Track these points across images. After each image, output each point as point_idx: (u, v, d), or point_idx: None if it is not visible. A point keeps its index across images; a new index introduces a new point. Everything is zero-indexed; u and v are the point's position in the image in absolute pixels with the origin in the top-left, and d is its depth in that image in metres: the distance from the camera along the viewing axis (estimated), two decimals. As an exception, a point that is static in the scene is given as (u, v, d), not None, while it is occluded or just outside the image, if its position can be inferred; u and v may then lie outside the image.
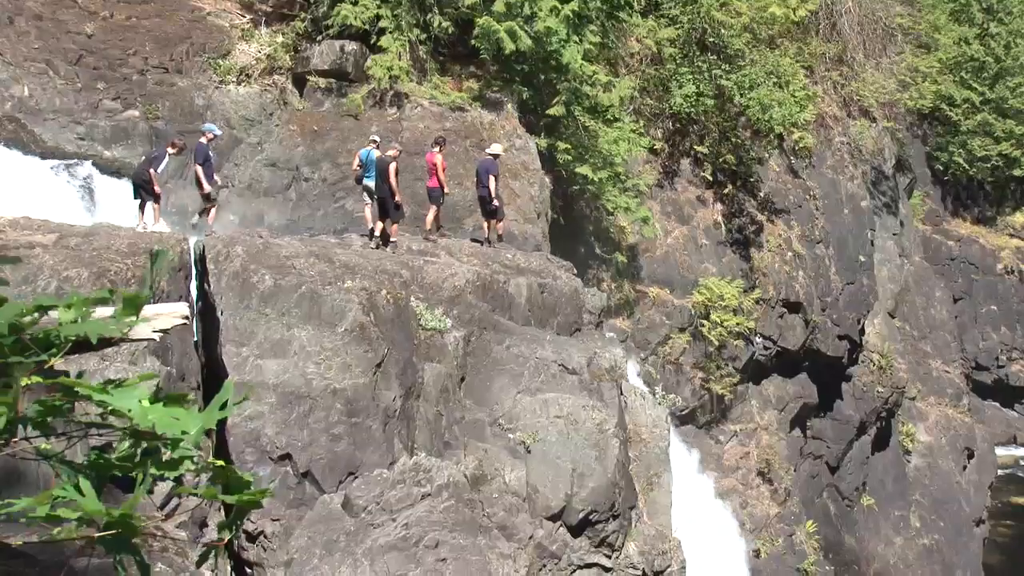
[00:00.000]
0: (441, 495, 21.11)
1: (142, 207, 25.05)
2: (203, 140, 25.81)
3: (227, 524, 5.22)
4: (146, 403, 4.83)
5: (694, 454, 32.30)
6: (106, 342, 5.62)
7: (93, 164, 27.45)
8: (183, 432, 4.79)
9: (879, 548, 37.03)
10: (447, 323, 23.25)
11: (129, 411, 4.74)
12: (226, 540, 5.24)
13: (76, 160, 27.25)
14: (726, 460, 33.44)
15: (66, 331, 4.93)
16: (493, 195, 27.73)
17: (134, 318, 5.14)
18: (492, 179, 27.64)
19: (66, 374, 4.79)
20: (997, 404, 70.11)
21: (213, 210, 25.96)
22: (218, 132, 26.69)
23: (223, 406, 5.05)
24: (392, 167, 25.99)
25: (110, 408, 4.75)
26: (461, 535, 20.81)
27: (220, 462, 5.04)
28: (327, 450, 20.27)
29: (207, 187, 25.61)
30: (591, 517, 23.44)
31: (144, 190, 24.99)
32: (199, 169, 25.54)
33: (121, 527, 4.57)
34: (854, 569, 35.71)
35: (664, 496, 26.92)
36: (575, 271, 28.72)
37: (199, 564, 5.24)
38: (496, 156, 28.19)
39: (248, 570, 19.57)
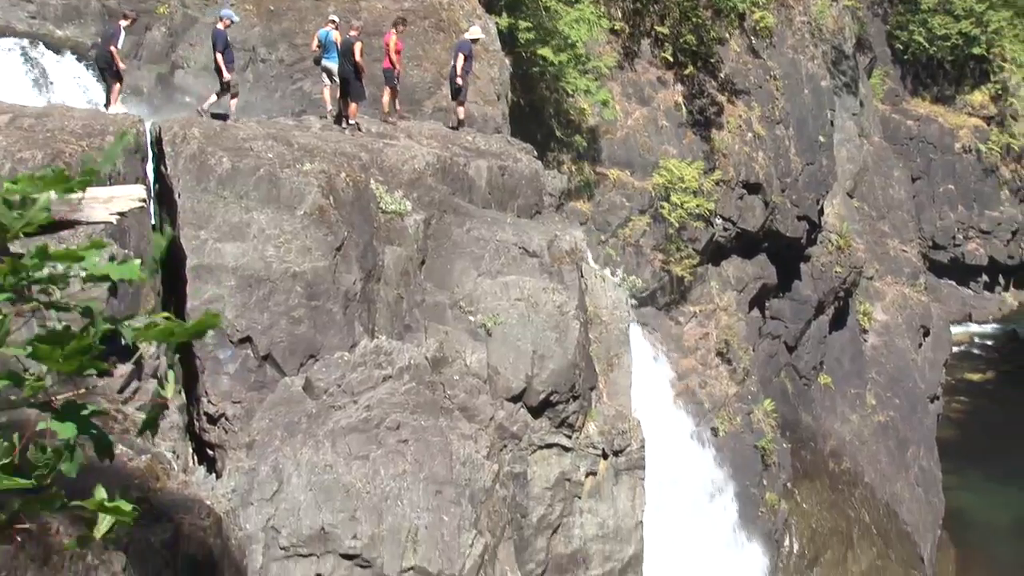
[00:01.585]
0: (402, 377, 21.20)
1: (109, 90, 24.66)
2: (220, 26, 25.10)
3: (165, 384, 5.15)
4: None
5: (654, 335, 32.52)
6: (63, 224, 5.55)
7: (45, 44, 26.96)
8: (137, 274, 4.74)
9: (835, 425, 37.54)
10: (407, 206, 23.16)
11: (82, 262, 4.69)
12: (168, 399, 5.19)
13: (28, 39, 26.75)
14: (685, 341, 33.67)
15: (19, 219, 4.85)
16: (458, 72, 27.50)
17: (81, 194, 5.05)
18: (460, 57, 27.38)
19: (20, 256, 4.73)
20: (953, 283, 70.84)
21: (234, 100, 25.34)
22: (235, 18, 25.93)
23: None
24: (358, 46, 25.70)
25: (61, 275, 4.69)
26: (422, 417, 20.93)
27: (165, 314, 4.97)
28: (287, 333, 20.28)
29: (227, 75, 25.00)
30: (551, 398, 23.61)
31: (107, 71, 24.58)
32: (219, 57, 24.93)
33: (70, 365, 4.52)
34: (811, 446, 36.22)
35: (624, 377, 27.12)
36: (535, 154, 28.59)
37: (143, 431, 5.18)
38: (475, 40, 27.90)
39: (210, 452, 19.66)
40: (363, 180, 22.63)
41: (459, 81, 27.63)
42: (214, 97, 24.95)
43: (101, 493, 4.61)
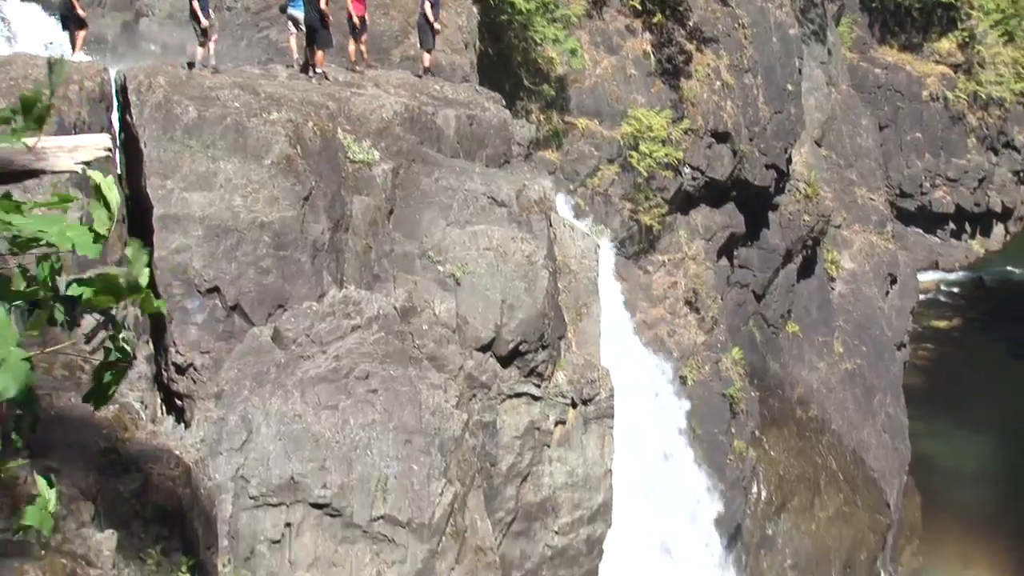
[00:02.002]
0: (371, 327, 21.18)
1: (73, 38, 24.39)
2: None
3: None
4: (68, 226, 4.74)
5: (622, 284, 32.54)
6: (27, 174, 5.50)
7: (8, -7, 26.68)
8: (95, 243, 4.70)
9: (803, 373, 37.76)
10: (375, 155, 23.06)
11: (43, 232, 4.64)
12: (131, 360, 5.13)
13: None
14: (654, 290, 33.74)
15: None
16: (429, 20, 27.33)
17: (38, 130, 4.99)
18: (427, 5, 27.21)
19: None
20: (920, 230, 71.14)
21: (211, 44, 24.99)
22: None
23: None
24: (323, -8, 25.49)
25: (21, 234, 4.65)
26: (391, 366, 20.94)
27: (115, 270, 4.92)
28: (255, 283, 20.21)
29: (204, 20, 24.63)
30: (520, 347, 23.65)
31: (69, 17, 24.31)
32: (195, 3, 24.56)
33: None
34: (778, 394, 36.42)
35: (593, 326, 27.16)
36: (503, 103, 28.48)
37: (88, 398, 5.13)
38: None
39: (178, 402, 19.63)
40: (330, 129, 22.51)
41: (437, 27, 27.47)
42: (200, 49, 24.59)
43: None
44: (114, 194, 4.97)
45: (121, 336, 5.11)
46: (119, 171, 20.64)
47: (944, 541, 43.00)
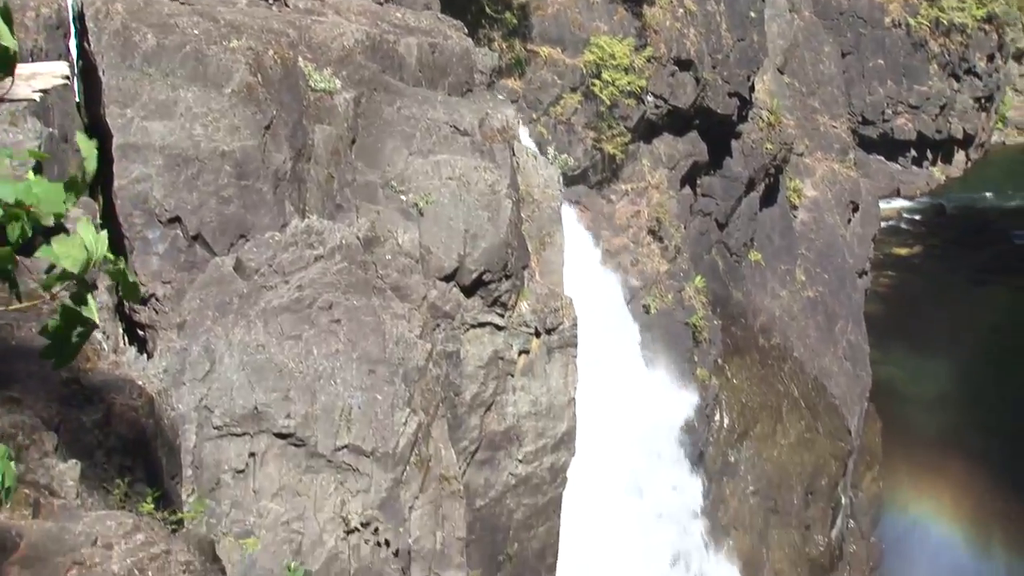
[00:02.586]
0: (334, 257, 21.11)
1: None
2: None
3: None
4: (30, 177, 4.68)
5: (585, 214, 32.54)
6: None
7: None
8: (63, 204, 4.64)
9: (765, 301, 37.94)
10: (336, 84, 22.89)
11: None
12: (95, 321, 5.07)
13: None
14: (617, 219, 33.75)
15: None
16: None
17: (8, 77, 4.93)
18: None
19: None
20: (882, 158, 71.32)
21: None
22: None
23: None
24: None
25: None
26: (355, 296, 20.91)
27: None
28: (217, 213, 20.09)
29: None
30: (484, 277, 23.65)
31: None
32: None
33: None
34: (741, 322, 36.60)
35: (556, 255, 27.17)
36: (466, 31, 28.25)
37: (47, 356, 5.09)
38: None
39: (140, 332, 19.55)
40: (291, 58, 22.31)
41: None
42: None
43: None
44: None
45: (88, 296, 5.05)
46: (77, 99, 20.41)
47: (904, 466, 43.49)
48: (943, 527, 42.81)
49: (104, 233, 4.85)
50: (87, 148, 4.86)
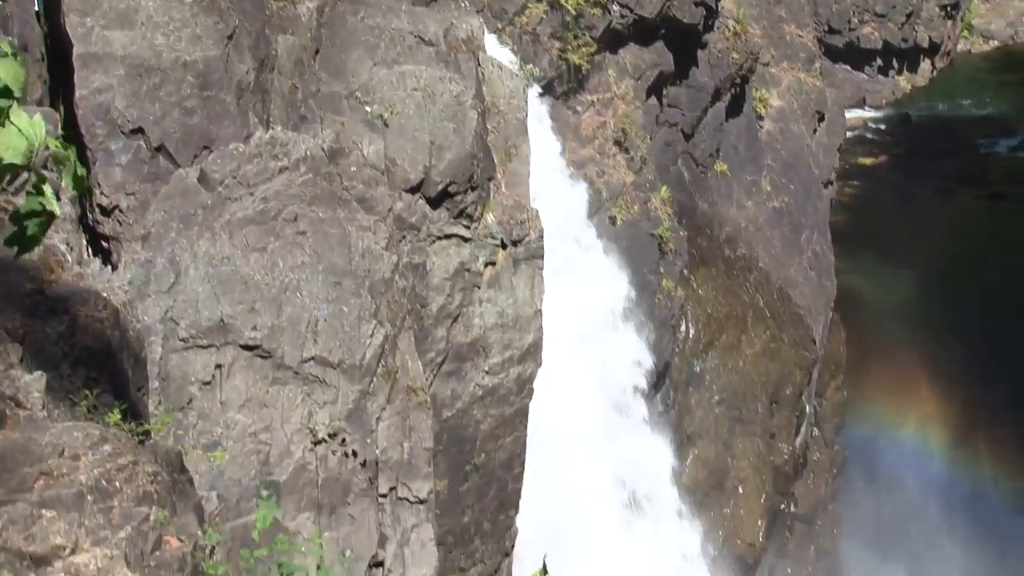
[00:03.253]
0: (299, 169, 21.01)
1: None
2: None
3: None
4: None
5: (551, 124, 32.37)
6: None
7: None
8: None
9: (731, 212, 37.97)
10: (299, -7, 22.66)
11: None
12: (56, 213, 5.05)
13: None
14: (583, 130, 33.61)
15: None
16: None
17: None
18: None
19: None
20: (848, 67, 71.09)
21: None
22: None
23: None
24: None
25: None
26: (320, 208, 20.86)
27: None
28: (180, 124, 19.92)
29: None
30: (450, 189, 23.62)
31: None
32: None
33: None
34: (707, 233, 36.65)
35: (522, 167, 27.11)
36: (430, -62, 27.95)
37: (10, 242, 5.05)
38: None
39: (104, 244, 19.45)
40: (253, -34, 22.03)
41: None
42: None
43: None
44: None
45: (45, 187, 5.01)
46: (37, 8, 20.12)
47: (868, 375, 43.85)
48: (907, 434, 43.33)
49: (39, 118, 4.80)
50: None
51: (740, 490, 35.93)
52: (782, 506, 37.65)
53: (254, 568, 8.24)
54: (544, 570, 7.26)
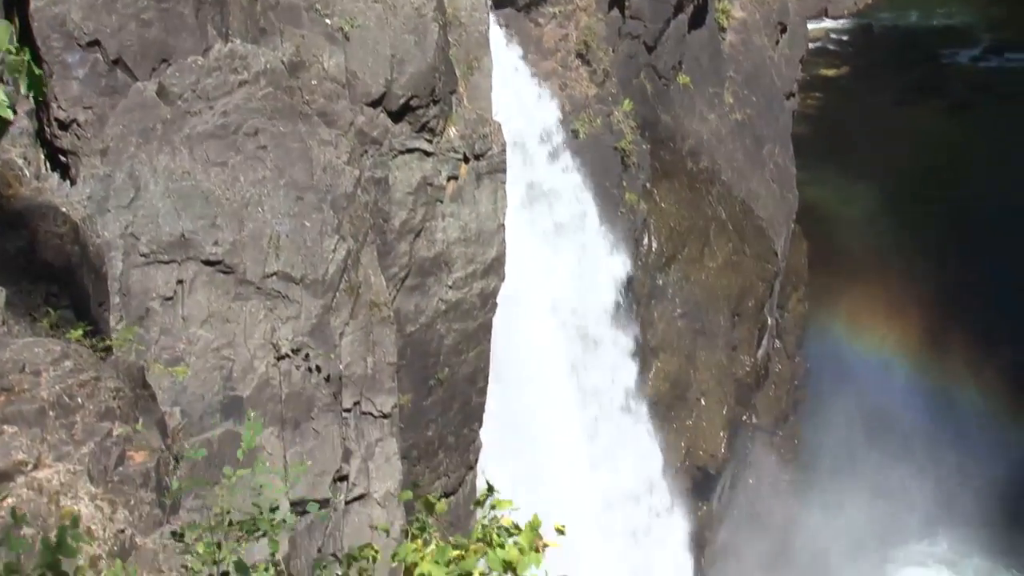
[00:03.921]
0: (259, 82, 20.80)
1: None
2: None
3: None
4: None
5: (513, 37, 32.13)
6: None
7: None
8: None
9: (694, 125, 37.87)
10: (256, -98, 22.28)
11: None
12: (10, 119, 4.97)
13: None
14: (545, 43, 33.38)
15: None
16: None
17: None
18: None
19: None
20: (810, -23, 70.90)
21: None
22: None
23: None
24: None
25: None
26: (281, 122, 20.70)
27: None
28: (137, 36, 19.60)
29: None
30: (411, 103, 23.47)
31: None
32: None
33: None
34: (669, 146, 36.54)
35: (484, 80, 26.94)
36: None
37: None
38: None
39: (63, 159, 19.22)
40: None
41: None
42: None
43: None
44: None
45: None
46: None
47: (829, 287, 44.15)
48: (867, 345, 43.72)
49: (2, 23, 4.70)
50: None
51: (702, 402, 36.21)
52: (744, 417, 38.00)
53: (233, 487, 8.26)
54: (490, 488, 7.28)
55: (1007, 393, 41.82)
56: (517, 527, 7.16)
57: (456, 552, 7.14)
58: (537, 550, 7.09)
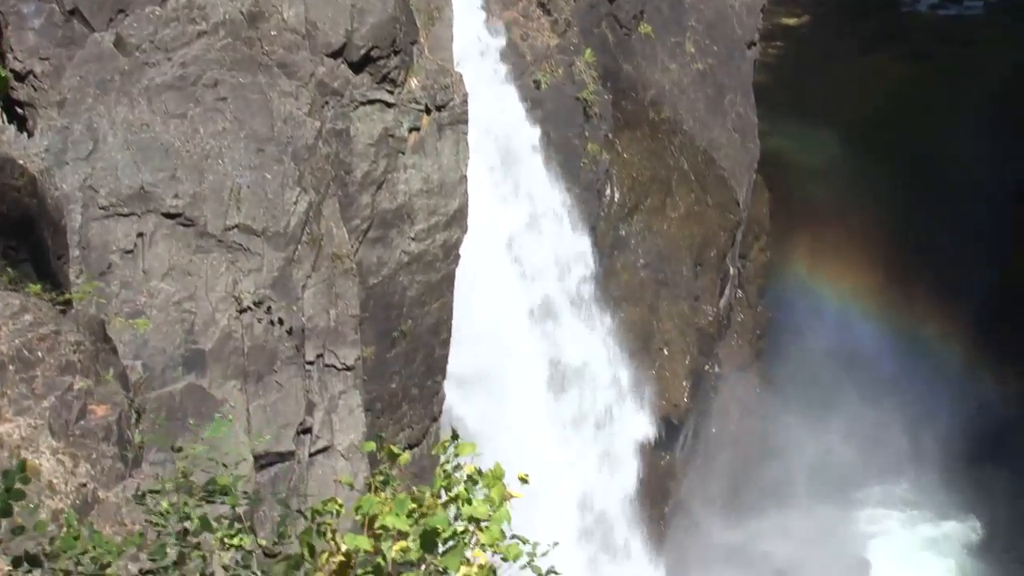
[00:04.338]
0: (218, 33, 20.64)
1: None
2: None
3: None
4: None
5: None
6: None
7: None
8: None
9: (655, 75, 37.78)
10: None
11: None
12: None
13: None
14: (506, -9, 33.23)
15: None
16: None
17: None
18: None
19: None
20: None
21: None
22: None
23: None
24: None
25: None
26: (240, 74, 20.57)
27: None
28: (94, -14, 19.42)
29: None
30: (372, 53, 23.31)
31: None
32: None
33: None
34: (631, 96, 36.45)
35: (445, 31, 26.78)
36: None
37: None
38: None
39: (20, 110, 19.06)
40: None
41: None
42: None
43: None
44: None
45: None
46: None
47: (790, 236, 44.23)
48: (829, 294, 43.94)
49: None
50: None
51: (665, 352, 36.32)
52: (706, 367, 38.14)
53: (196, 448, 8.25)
54: (454, 435, 7.27)
55: (970, 338, 42.21)
56: (480, 472, 7.16)
57: (414, 505, 7.12)
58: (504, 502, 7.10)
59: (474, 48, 29.38)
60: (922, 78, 54.62)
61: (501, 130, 30.19)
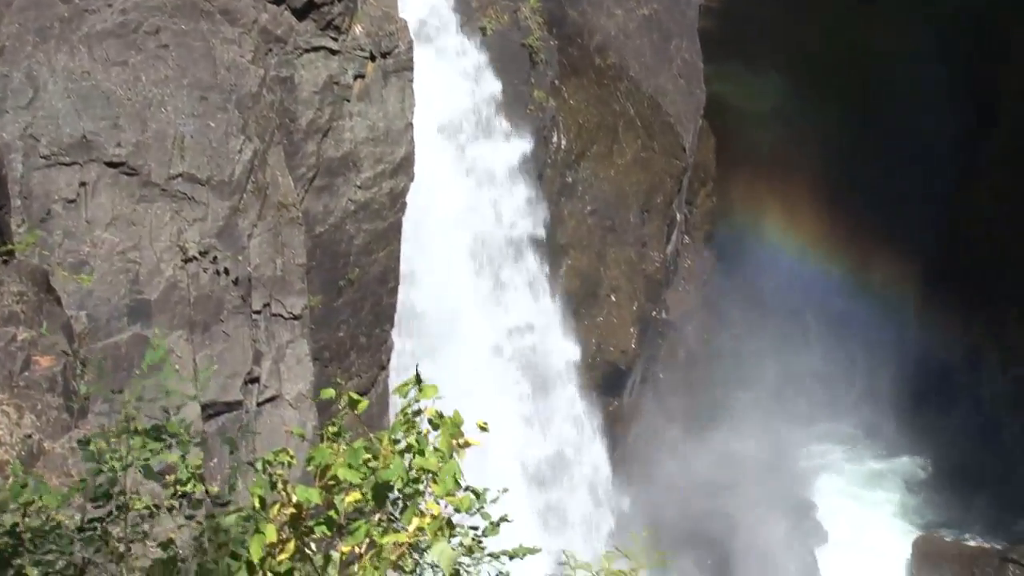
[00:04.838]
0: (158, -22, 20.40)
1: None
2: None
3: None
4: None
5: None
6: None
7: None
8: None
9: (601, 20, 37.68)
10: None
11: None
12: None
13: None
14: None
15: None
16: None
17: None
18: None
19: None
20: None
21: None
22: None
23: None
24: None
25: None
26: (182, 20, 20.36)
27: None
28: (31, -67, 19.13)
29: None
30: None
31: None
32: None
33: None
34: (577, 42, 36.34)
35: (389, -24, 26.59)
36: None
37: None
38: None
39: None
40: None
41: None
42: None
43: None
44: None
45: None
46: None
47: (737, 181, 44.36)
48: (775, 239, 44.18)
49: None
50: None
51: (613, 298, 36.44)
52: (654, 313, 38.30)
53: (141, 394, 8.17)
54: (418, 378, 7.26)
55: (919, 281, 42.69)
56: (441, 416, 7.15)
57: (368, 456, 7.11)
58: (459, 448, 7.09)
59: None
60: (868, 24, 54.68)
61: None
